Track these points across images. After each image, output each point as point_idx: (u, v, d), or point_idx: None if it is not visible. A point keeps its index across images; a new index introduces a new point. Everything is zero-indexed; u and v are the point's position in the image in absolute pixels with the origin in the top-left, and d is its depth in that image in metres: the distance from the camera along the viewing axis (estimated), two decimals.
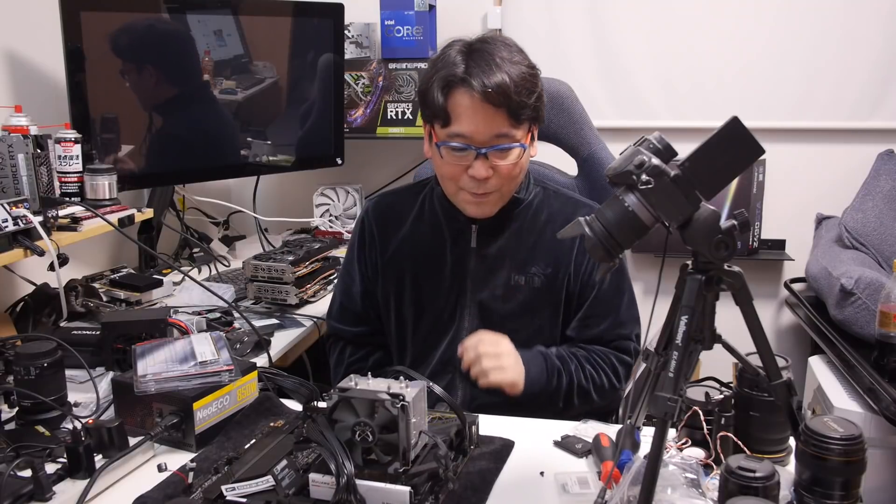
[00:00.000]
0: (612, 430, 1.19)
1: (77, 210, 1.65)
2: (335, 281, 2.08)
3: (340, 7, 2.41)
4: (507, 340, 1.44)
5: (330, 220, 2.54)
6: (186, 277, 1.88)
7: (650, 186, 0.92)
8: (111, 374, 1.40)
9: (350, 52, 2.54)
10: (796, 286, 2.59)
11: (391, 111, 2.52)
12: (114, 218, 1.69)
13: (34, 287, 1.79)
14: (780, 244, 2.71)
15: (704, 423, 1.11)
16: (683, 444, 1.12)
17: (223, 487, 1.01)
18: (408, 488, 0.99)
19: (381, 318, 1.60)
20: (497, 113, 1.35)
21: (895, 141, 2.59)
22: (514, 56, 1.38)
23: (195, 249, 2.36)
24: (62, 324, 1.68)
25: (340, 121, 2.50)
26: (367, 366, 1.59)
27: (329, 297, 2.02)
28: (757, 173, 2.64)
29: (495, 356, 1.40)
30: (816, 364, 2.20)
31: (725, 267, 0.95)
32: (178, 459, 1.15)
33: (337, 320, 1.64)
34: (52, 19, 1.80)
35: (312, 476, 1.01)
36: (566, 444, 1.21)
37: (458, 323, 1.51)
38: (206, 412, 1.20)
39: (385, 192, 1.65)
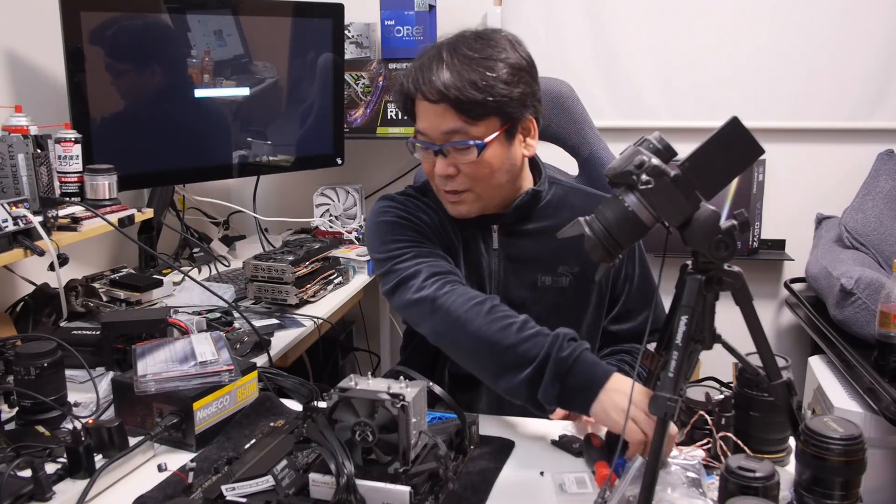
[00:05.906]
0: (602, 431, 1.18)
1: (77, 210, 1.65)
2: (338, 280, 2.09)
3: (340, 7, 2.41)
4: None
5: (330, 220, 2.54)
6: (186, 277, 1.88)
7: (650, 186, 0.92)
8: (111, 374, 1.40)
9: (350, 52, 2.54)
10: (796, 286, 2.60)
11: (391, 111, 2.51)
12: (114, 218, 1.68)
13: (34, 287, 1.78)
14: (780, 244, 2.72)
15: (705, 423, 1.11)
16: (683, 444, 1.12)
17: (223, 487, 1.01)
18: (408, 488, 0.99)
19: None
20: (445, 110, 1.29)
21: (895, 141, 2.59)
22: (485, 51, 1.30)
23: (195, 249, 2.36)
24: (62, 324, 1.68)
25: (340, 121, 2.50)
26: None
27: (329, 296, 2.03)
28: (757, 173, 2.64)
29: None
30: (816, 364, 2.20)
31: (725, 267, 0.95)
32: (178, 459, 1.15)
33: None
34: (52, 19, 1.80)
35: (312, 476, 1.01)
36: (563, 443, 1.20)
37: None
38: (206, 412, 1.21)
39: (398, 192, 1.52)
